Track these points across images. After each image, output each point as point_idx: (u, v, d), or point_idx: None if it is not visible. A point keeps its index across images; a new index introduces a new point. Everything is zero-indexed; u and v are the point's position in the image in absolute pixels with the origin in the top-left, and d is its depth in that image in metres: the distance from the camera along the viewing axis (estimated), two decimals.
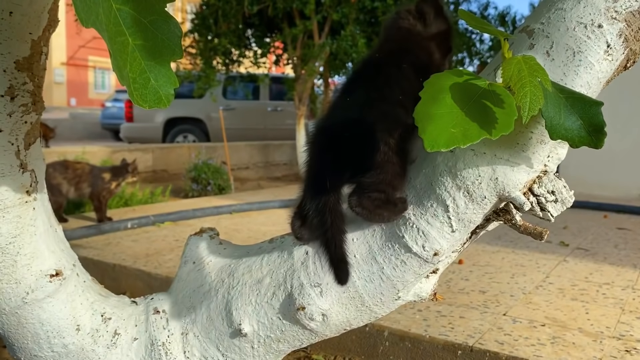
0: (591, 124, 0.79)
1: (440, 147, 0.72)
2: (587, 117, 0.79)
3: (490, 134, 0.73)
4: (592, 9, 0.87)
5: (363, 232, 0.99)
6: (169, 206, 5.40)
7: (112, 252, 3.74)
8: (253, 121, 12.06)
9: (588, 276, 3.29)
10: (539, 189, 0.88)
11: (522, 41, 0.92)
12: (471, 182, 0.88)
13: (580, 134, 0.79)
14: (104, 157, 7.15)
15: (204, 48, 7.88)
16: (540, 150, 0.88)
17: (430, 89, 0.77)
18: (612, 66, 0.88)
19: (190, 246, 1.15)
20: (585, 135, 0.79)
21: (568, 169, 5.34)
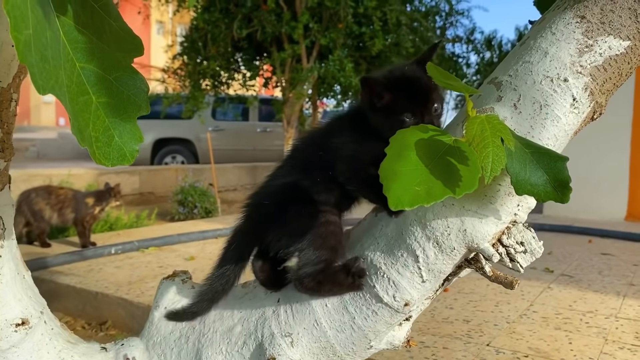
0: (557, 179, 0.80)
1: (405, 205, 0.72)
2: (553, 173, 0.80)
3: (454, 192, 0.74)
4: (558, 63, 0.88)
5: None
6: (154, 230, 5.36)
7: (95, 279, 3.69)
8: (242, 142, 12.07)
9: (572, 304, 3.28)
10: (508, 240, 0.88)
11: (490, 93, 0.93)
12: (440, 233, 0.88)
13: (546, 189, 0.80)
14: (90, 180, 7.11)
15: (192, 71, 7.91)
16: (509, 202, 0.88)
17: (396, 145, 0.78)
18: (579, 119, 0.90)
19: (162, 290, 1.14)
20: (551, 190, 0.79)
21: None
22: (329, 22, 7.41)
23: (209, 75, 8.01)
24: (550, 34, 0.90)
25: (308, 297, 0.99)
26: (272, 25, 7.22)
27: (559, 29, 0.90)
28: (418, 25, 9.04)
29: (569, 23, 0.89)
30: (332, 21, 7.38)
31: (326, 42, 7.29)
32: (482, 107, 0.91)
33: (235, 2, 7.51)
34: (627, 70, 0.90)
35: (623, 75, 0.90)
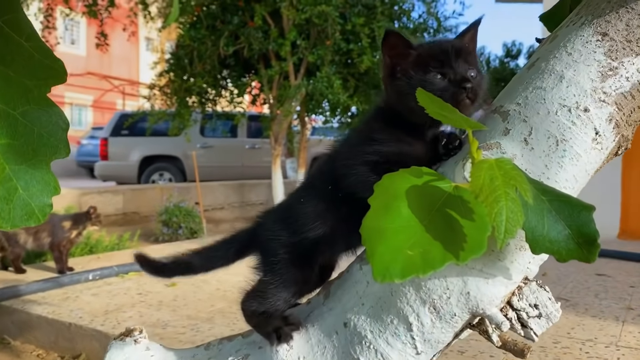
0: (581, 233, 0.65)
1: (394, 276, 0.57)
2: (576, 226, 0.65)
3: (457, 257, 0.58)
4: (576, 90, 0.73)
5: (312, 349, 0.82)
6: None
7: (69, 309, 3.48)
8: (231, 159, 11.92)
9: (570, 331, 3.13)
10: (520, 303, 0.73)
11: (496, 125, 0.78)
12: (438, 296, 0.73)
13: (568, 246, 0.64)
14: (72, 200, 6.89)
15: (178, 88, 7.76)
16: (520, 257, 0.73)
17: (382, 194, 0.62)
18: (602, 155, 0.75)
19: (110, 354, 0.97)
20: (575, 247, 0.64)
21: None
22: (316, 39, 7.30)
23: (196, 93, 7.87)
24: (566, 55, 0.76)
25: None
26: (259, 42, 7.10)
27: (576, 49, 0.75)
28: None
29: (588, 41, 0.75)
30: (319, 38, 7.28)
31: (314, 59, 7.18)
32: (487, 141, 0.76)
33: (221, 18, 7.40)
34: None
35: None
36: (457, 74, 0.88)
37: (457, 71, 0.88)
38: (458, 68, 0.89)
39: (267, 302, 1.00)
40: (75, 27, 25.66)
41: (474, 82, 0.88)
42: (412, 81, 0.90)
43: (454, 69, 0.89)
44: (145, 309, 3.47)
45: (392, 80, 0.94)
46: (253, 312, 1.03)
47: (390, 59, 0.94)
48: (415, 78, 0.90)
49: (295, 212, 1.01)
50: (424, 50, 0.93)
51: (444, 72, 0.89)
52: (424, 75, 0.90)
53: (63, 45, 21.95)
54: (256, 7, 7.00)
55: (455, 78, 0.88)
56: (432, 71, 0.90)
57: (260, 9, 6.94)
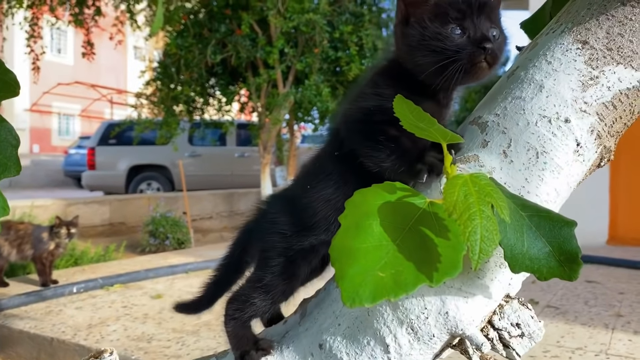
0: (562, 250, 0.62)
1: (364, 300, 0.53)
2: (557, 243, 0.62)
3: (431, 279, 0.55)
4: (557, 100, 0.70)
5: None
6: (121, 265, 5.09)
7: (52, 323, 3.42)
8: (220, 167, 11.85)
9: (560, 340, 3.12)
10: (501, 322, 0.70)
11: (474, 136, 0.75)
12: (416, 316, 0.69)
13: (549, 264, 0.61)
14: (57, 211, 6.80)
15: (165, 97, 7.71)
16: (501, 275, 0.70)
17: (354, 211, 0.59)
18: (584, 167, 0.72)
19: None
20: (556, 265, 0.61)
21: None
22: (304, 47, 7.30)
23: (183, 101, 7.83)
24: (546, 64, 0.73)
25: None
26: (246, 51, 7.08)
27: (556, 57, 0.73)
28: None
29: (568, 50, 0.72)
30: (307, 46, 7.28)
31: (302, 67, 7.17)
32: (464, 154, 0.73)
33: (209, 27, 7.37)
34: (639, 107, 0.73)
35: (635, 113, 0.73)
36: (477, 30, 0.80)
37: (478, 27, 0.80)
38: (480, 24, 0.80)
39: (250, 304, 0.94)
40: (63, 36, 25.54)
41: (494, 44, 0.79)
42: (426, 32, 0.81)
43: (475, 24, 0.80)
44: (130, 322, 3.41)
45: (404, 29, 0.85)
46: (232, 315, 0.98)
47: (405, 5, 0.85)
48: (431, 29, 0.81)
49: (301, 200, 0.92)
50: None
51: (464, 27, 0.80)
52: (441, 26, 0.81)
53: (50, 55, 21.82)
54: (243, 15, 6.99)
55: (476, 36, 0.79)
56: (451, 23, 0.81)
57: (248, 17, 6.93)
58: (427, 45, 0.81)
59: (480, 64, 0.79)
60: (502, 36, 0.84)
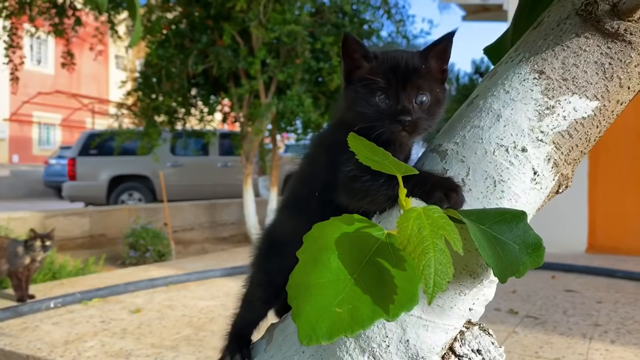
0: (527, 244, 0.66)
1: (321, 337, 0.53)
2: (520, 239, 0.66)
3: (387, 313, 0.55)
4: (513, 129, 0.72)
5: None
6: (101, 278, 5.02)
7: (28, 340, 3.36)
8: (202, 177, 11.78)
9: (538, 350, 3.15)
10: (462, 349, 0.71)
11: (434, 164, 0.76)
12: (377, 345, 0.70)
13: (523, 260, 0.65)
14: (35, 223, 6.70)
15: (146, 107, 7.66)
16: (461, 302, 0.71)
17: (312, 246, 0.59)
18: (542, 195, 0.73)
19: None
20: (527, 258, 0.65)
21: None
22: (286, 57, 7.32)
23: (164, 112, 7.79)
24: (504, 93, 0.74)
25: None
26: (228, 61, 7.08)
27: (514, 87, 0.74)
28: None
29: (526, 79, 0.74)
30: (289, 57, 7.30)
31: (284, 78, 7.18)
32: None
33: (190, 37, 7.36)
34: (595, 135, 0.74)
35: (591, 140, 0.75)
36: (399, 102, 0.82)
37: (400, 98, 0.82)
38: (403, 94, 0.82)
39: (236, 314, 1.03)
40: (43, 46, 25.30)
41: (415, 114, 0.81)
42: (357, 96, 0.85)
43: (398, 94, 0.83)
44: (107, 338, 3.36)
45: (345, 88, 0.90)
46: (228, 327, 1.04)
47: (346, 65, 0.89)
48: (361, 94, 0.85)
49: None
50: (377, 63, 0.86)
51: (388, 96, 0.83)
52: (369, 95, 0.84)
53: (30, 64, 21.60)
54: (225, 26, 6.99)
55: (396, 108, 0.82)
56: (378, 91, 0.84)
57: (229, 28, 6.93)
58: (358, 109, 0.85)
59: (399, 134, 0.82)
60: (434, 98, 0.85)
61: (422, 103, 0.84)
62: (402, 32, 8.42)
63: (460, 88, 12.29)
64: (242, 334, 0.96)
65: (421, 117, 0.82)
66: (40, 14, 7.28)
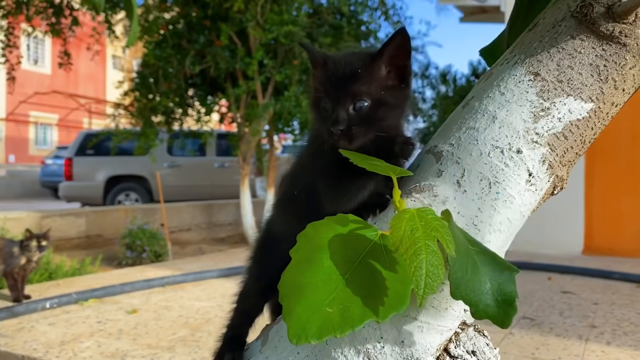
0: (501, 291, 0.62)
1: (310, 337, 0.53)
2: (497, 283, 0.62)
3: (377, 314, 0.55)
4: (509, 131, 0.72)
5: None
6: (97, 279, 5.01)
7: (23, 340, 3.35)
8: (200, 178, 11.77)
9: (535, 352, 3.15)
10: (457, 350, 0.71)
11: (429, 165, 0.76)
12: (372, 346, 0.70)
13: (486, 300, 0.61)
14: (32, 223, 6.68)
15: (143, 108, 7.65)
16: (455, 304, 0.70)
17: (305, 245, 0.59)
18: (537, 197, 0.74)
19: None
20: (492, 305, 0.61)
21: None
22: (284, 58, 7.31)
23: (161, 112, 7.77)
24: (499, 94, 0.75)
25: None
26: (225, 62, 7.07)
27: (509, 89, 0.74)
28: None
29: (521, 81, 0.74)
30: (287, 57, 7.30)
31: (281, 78, 7.18)
32: (420, 183, 0.74)
33: (187, 38, 7.35)
34: (590, 137, 0.75)
35: (586, 142, 0.75)
36: (333, 112, 0.80)
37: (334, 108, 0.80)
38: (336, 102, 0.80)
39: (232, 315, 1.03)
40: (40, 45, 25.25)
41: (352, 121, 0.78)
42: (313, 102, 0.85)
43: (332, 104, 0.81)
44: (104, 339, 3.35)
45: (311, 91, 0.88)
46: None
47: (312, 74, 0.88)
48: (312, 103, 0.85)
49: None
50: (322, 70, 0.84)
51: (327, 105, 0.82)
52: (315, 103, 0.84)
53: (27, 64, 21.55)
54: (222, 26, 6.99)
55: (329, 118, 0.80)
56: (321, 100, 0.83)
57: (227, 29, 6.92)
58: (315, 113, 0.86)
59: (338, 142, 0.80)
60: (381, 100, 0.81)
61: (360, 109, 0.80)
62: None
63: (457, 89, 12.31)
64: (236, 335, 0.96)
65: (358, 124, 0.79)
66: (38, 14, 7.26)
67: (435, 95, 12.40)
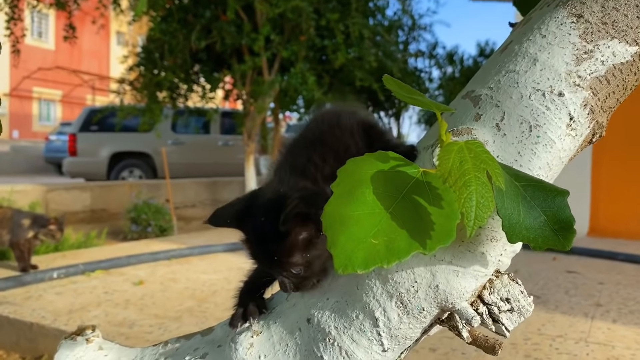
0: (557, 219, 0.62)
1: (357, 267, 0.52)
2: (552, 212, 0.62)
3: (424, 246, 0.54)
4: (550, 73, 0.70)
5: (273, 347, 0.77)
6: (103, 251, 5.03)
7: (32, 308, 3.37)
8: (203, 156, 11.74)
9: (541, 327, 3.16)
10: (491, 297, 0.69)
11: (466, 110, 0.74)
12: (405, 290, 0.69)
13: (544, 233, 0.61)
14: (37, 196, 6.69)
15: (148, 83, 7.61)
16: (492, 248, 0.69)
17: (347, 179, 0.58)
18: (576, 142, 0.72)
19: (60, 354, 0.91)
20: (551, 234, 0.61)
21: None
22: (290, 34, 7.24)
23: (166, 87, 7.73)
24: (540, 37, 0.72)
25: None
26: (232, 37, 7.01)
27: (551, 31, 0.72)
28: (381, 39, 8.97)
29: (563, 23, 0.72)
30: (293, 33, 7.23)
31: (288, 55, 7.12)
32: (457, 127, 0.72)
33: (193, 12, 7.28)
34: (632, 83, 0.73)
35: (628, 88, 0.73)
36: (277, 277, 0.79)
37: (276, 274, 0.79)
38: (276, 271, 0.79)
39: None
40: (44, 20, 25.07)
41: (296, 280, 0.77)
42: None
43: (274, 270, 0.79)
44: (111, 308, 3.38)
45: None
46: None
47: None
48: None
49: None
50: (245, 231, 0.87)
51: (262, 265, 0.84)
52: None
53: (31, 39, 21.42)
54: (229, 1, 6.91)
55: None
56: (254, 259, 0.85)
57: (233, 3, 6.85)
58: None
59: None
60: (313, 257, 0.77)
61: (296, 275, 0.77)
62: (408, 11, 8.33)
63: (464, 70, 12.19)
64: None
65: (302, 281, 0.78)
66: None
67: (442, 75, 12.30)
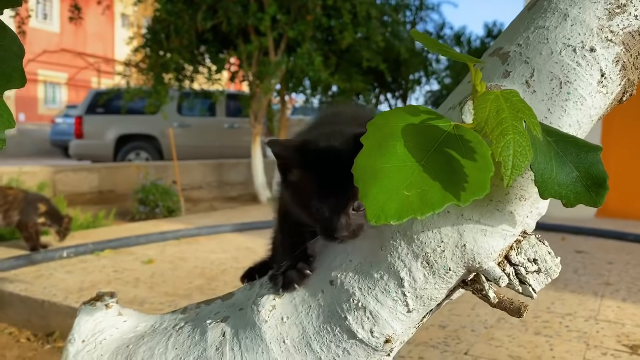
0: (589, 175, 0.61)
1: (390, 218, 0.51)
2: (584, 168, 0.61)
3: (459, 198, 0.53)
4: (581, 28, 0.68)
5: (296, 308, 0.77)
6: (111, 231, 5.05)
7: (43, 286, 3.40)
8: (209, 138, 11.71)
9: (550, 306, 3.16)
10: (518, 257, 0.68)
11: (494, 67, 0.73)
12: (432, 250, 0.68)
13: (576, 189, 0.60)
14: (45, 177, 6.71)
15: (154, 64, 7.57)
16: (520, 208, 0.68)
17: (376, 133, 0.57)
18: (607, 100, 0.70)
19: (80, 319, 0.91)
20: (583, 190, 0.60)
21: None
22: (297, 14, 7.17)
23: (172, 69, 7.69)
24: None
25: (259, 331, 0.77)
26: (238, 17, 6.94)
27: None
28: (388, 18, 8.88)
29: None
30: (300, 13, 7.15)
31: (294, 35, 7.05)
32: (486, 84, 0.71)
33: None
34: None
35: None
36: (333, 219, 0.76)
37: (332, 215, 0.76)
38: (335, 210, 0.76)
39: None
40: (48, 3, 24.95)
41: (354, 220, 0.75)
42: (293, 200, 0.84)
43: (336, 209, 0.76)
44: (121, 286, 3.39)
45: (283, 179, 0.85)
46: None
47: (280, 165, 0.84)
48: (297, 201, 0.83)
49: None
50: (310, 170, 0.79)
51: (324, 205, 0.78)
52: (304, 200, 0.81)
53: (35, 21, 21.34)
54: None
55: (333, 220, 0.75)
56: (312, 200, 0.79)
57: None
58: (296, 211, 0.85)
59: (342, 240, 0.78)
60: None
61: (360, 207, 0.76)
62: None
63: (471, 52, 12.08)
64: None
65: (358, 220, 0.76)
66: None
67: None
